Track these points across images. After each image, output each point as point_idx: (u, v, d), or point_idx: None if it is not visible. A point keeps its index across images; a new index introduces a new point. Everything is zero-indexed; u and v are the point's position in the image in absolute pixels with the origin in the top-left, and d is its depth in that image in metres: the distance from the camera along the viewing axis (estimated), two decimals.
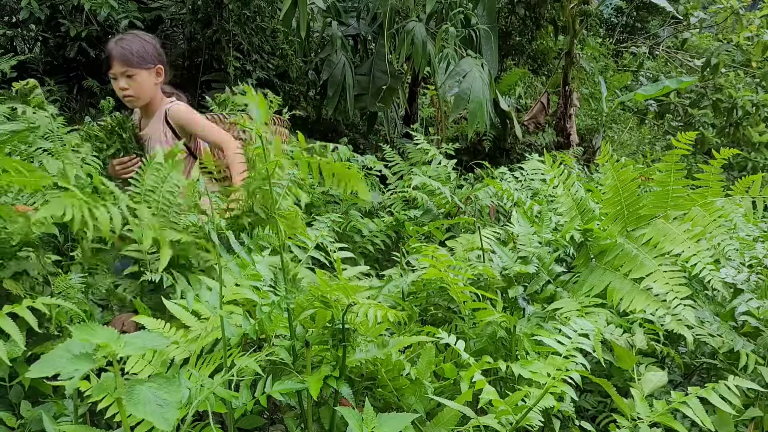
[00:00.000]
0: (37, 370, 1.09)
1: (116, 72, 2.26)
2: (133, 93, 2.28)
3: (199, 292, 1.70)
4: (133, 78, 2.26)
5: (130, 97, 2.28)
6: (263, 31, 4.68)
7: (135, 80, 2.27)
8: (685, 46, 8.56)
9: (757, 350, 1.98)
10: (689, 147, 2.02)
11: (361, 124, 5.60)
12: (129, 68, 2.25)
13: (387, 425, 1.33)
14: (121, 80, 2.26)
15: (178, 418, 1.10)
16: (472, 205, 3.14)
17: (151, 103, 2.35)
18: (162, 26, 4.92)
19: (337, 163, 1.71)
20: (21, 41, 4.50)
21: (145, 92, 2.30)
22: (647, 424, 1.58)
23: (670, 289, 1.82)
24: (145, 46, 2.32)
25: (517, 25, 7.12)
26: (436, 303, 2.07)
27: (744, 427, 1.88)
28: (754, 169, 6.63)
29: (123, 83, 2.26)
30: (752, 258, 2.27)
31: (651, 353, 2.04)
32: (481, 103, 4.30)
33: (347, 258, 2.16)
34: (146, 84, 2.30)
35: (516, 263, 2.19)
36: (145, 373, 1.52)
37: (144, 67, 2.28)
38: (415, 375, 1.62)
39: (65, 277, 1.55)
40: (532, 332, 1.83)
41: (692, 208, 2.03)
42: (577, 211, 2.23)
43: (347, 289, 1.49)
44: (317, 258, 2.09)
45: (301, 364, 1.60)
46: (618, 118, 7.26)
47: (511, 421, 1.45)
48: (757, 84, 7.21)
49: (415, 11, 4.41)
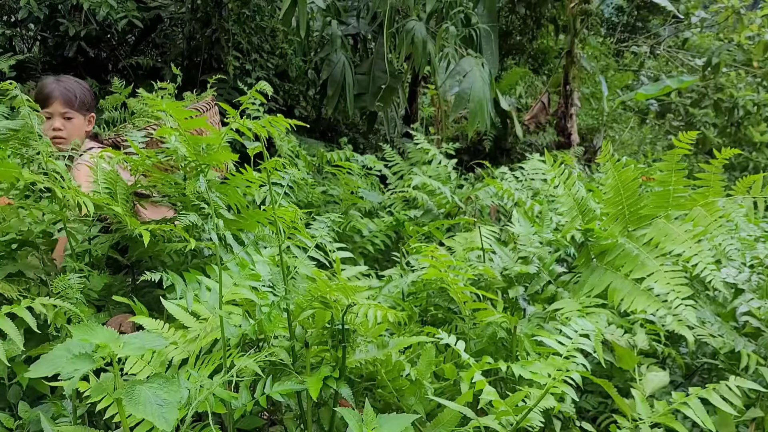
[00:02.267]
0: (36, 370, 1.08)
1: (54, 111, 2.26)
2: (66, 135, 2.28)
3: (197, 292, 1.69)
4: (70, 121, 2.28)
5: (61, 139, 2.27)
6: (263, 31, 4.67)
7: (72, 123, 2.29)
8: (686, 46, 8.56)
9: (758, 350, 1.98)
10: (690, 147, 2.01)
11: (361, 123, 5.59)
12: (70, 110, 2.28)
13: (387, 426, 1.33)
14: (57, 120, 2.26)
15: (177, 418, 1.09)
16: (473, 205, 3.13)
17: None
18: (161, 25, 4.92)
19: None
20: (20, 41, 4.49)
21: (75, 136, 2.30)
22: (648, 424, 1.57)
23: (671, 289, 1.82)
24: (86, 92, 2.36)
25: (517, 24, 7.11)
26: (436, 303, 2.06)
27: (745, 427, 1.88)
28: (755, 169, 6.63)
29: (58, 123, 2.26)
30: (753, 258, 2.27)
31: (652, 354, 2.04)
32: (482, 102, 4.30)
33: (347, 258, 2.16)
34: (80, 129, 2.33)
35: (516, 263, 2.18)
36: (144, 374, 1.51)
37: (82, 112, 2.32)
38: (415, 376, 1.62)
39: (64, 278, 1.54)
40: (533, 333, 1.82)
41: (693, 208, 2.03)
42: (578, 211, 2.22)
43: (347, 290, 1.49)
44: (317, 258, 2.09)
45: (300, 364, 1.60)
46: (619, 117, 7.26)
47: (512, 421, 1.44)
48: (759, 83, 7.21)
49: (416, 10, 4.40)
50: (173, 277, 1.67)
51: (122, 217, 1.73)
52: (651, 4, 8.39)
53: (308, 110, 5.25)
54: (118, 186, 1.92)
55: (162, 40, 5.05)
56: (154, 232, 1.77)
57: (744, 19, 7.23)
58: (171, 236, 1.92)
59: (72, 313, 1.50)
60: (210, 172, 1.89)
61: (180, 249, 1.89)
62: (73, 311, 1.45)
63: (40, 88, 2.30)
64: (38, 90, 2.30)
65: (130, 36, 4.92)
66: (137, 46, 4.91)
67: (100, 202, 1.72)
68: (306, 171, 3.20)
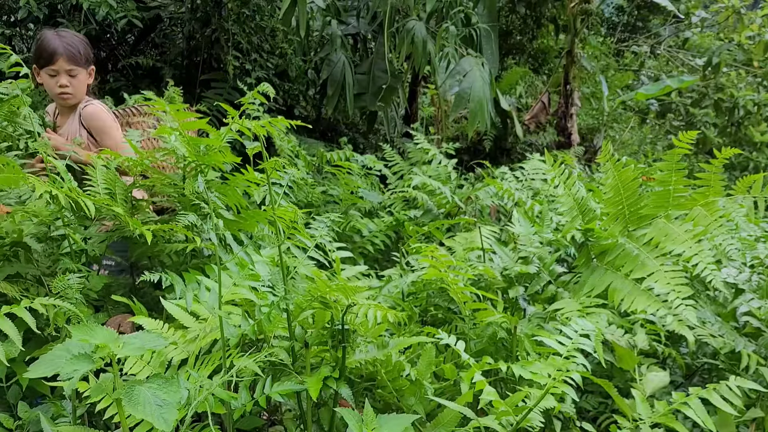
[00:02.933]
0: (35, 370, 1.08)
1: (60, 69, 2.27)
2: (72, 91, 2.30)
3: (197, 292, 1.69)
4: (76, 77, 2.29)
5: (68, 95, 2.30)
6: (262, 30, 4.67)
7: (77, 79, 2.30)
8: (687, 45, 8.55)
9: (758, 351, 1.98)
10: (690, 146, 2.01)
11: (361, 123, 5.59)
12: (75, 67, 2.28)
13: (387, 426, 1.32)
14: (62, 77, 2.27)
15: (177, 418, 1.09)
16: (473, 205, 3.13)
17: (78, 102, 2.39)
18: (161, 25, 4.91)
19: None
20: (19, 40, 4.49)
21: (81, 91, 2.33)
22: (648, 424, 1.57)
23: (672, 289, 1.81)
24: (87, 46, 2.35)
25: (517, 23, 7.11)
26: (436, 303, 2.06)
27: (745, 427, 1.88)
28: (756, 169, 6.62)
29: (65, 80, 2.28)
30: (754, 258, 2.26)
31: (652, 354, 2.03)
32: (482, 102, 4.29)
33: (347, 258, 2.16)
34: (84, 84, 2.34)
35: (517, 263, 2.18)
36: (143, 374, 1.51)
37: (84, 66, 2.33)
38: (415, 376, 1.62)
39: (63, 278, 1.54)
40: (533, 333, 1.82)
41: (693, 207, 2.03)
42: (578, 210, 2.22)
43: (347, 290, 1.48)
44: (317, 258, 2.08)
45: (300, 364, 1.59)
46: (619, 117, 7.26)
47: (512, 422, 1.44)
48: (759, 83, 7.20)
49: (416, 10, 4.40)
50: (173, 277, 1.67)
51: (123, 217, 1.73)
52: (651, 3, 8.39)
53: (308, 110, 5.24)
54: (117, 186, 1.92)
55: (161, 39, 5.04)
56: (155, 233, 1.77)
57: (744, 19, 7.23)
58: (171, 236, 1.92)
59: (71, 314, 1.50)
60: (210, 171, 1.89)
61: (180, 250, 1.89)
62: (73, 311, 1.45)
63: (42, 44, 2.29)
64: (41, 46, 2.29)
65: (129, 36, 4.92)
66: (137, 46, 4.91)
67: (101, 203, 1.72)
68: (306, 171, 3.19)
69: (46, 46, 2.27)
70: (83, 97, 2.35)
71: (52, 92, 2.31)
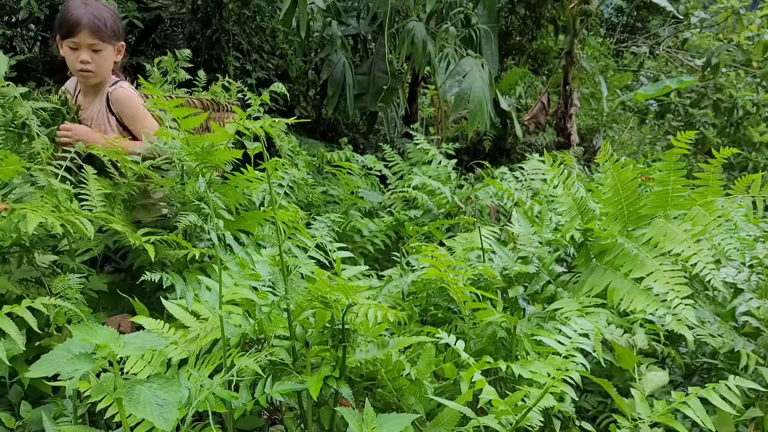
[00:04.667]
0: (36, 370, 1.09)
1: (82, 42, 2.00)
2: (94, 69, 2.04)
3: (197, 291, 1.69)
4: (99, 53, 2.03)
5: (89, 72, 2.04)
6: (263, 31, 4.67)
7: (101, 55, 2.03)
8: (686, 46, 8.56)
9: (757, 350, 1.98)
10: (689, 146, 2.01)
11: (361, 123, 5.59)
12: (99, 42, 2.02)
13: (387, 426, 1.33)
14: (84, 52, 2.01)
15: (178, 418, 1.09)
16: (473, 205, 3.13)
17: (102, 81, 2.12)
18: (162, 26, 4.92)
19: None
20: (20, 41, 4.49)
21: (105, 70, 2.07)
22: (648, 424, 1.57)
23: (671, 288, 1.82)
24: (116, 19, 2.09)
25: (517, 24, 7.11)
26: (436, 303, 2.07)
27: (744, 427, 1.88)
28: (754, 169, 6.63)
29: (86, 56, 2.01)
30: (753, 258, 2.27)
31: (651, 353, 2.04)
32: (482, 102, 4.30)
33: (347, 258, 2.16)
34: (109, 61, 2.08)
35: (516, 263, 2.18)
36: (144, 374, 1.51)
37: (111, 42, 2.06)
38: (415, 375, 1.62)
39: (63, 278, 1.55)
40: (533, 332, 1.82)
41: (692, 207, 2.03)
42: (578, 210, 2.23)
43: (347, 290, 1.49)
44: (317, 258, 2.09)
45: (300, 364, 1.60)
46: (618, 117, 7.26)
47: (511, 421, 1.45)
48: (758, 84, 7.21)
49: (416, 11, 4.40)
50: (173, 277, 1.68)
51: (124, 233, 1.73)
52: (650, 4, 8.39)
53: (308, 110, 5.24)
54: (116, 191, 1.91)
55: (162, 40, 5.05)
56: (158, 248, 1.76)
57: (743, 20, 7.24)
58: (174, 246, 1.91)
59: (72, 313, 1.50)
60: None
61: (181, 257, 1.89)
62: (74, 311, 1.45)
63: (65, 12, 2.02)
64: (63, 14, 2.02)
65: (130, 36, 4.92)
66: (138, 47, 4.91)
67: (100, 218, 1.71)
68: (306, 171, 3.20)
69: (69, 16, 2.00)
70: (107, 77, 2.09)
71: (73, 67, 2.05)
